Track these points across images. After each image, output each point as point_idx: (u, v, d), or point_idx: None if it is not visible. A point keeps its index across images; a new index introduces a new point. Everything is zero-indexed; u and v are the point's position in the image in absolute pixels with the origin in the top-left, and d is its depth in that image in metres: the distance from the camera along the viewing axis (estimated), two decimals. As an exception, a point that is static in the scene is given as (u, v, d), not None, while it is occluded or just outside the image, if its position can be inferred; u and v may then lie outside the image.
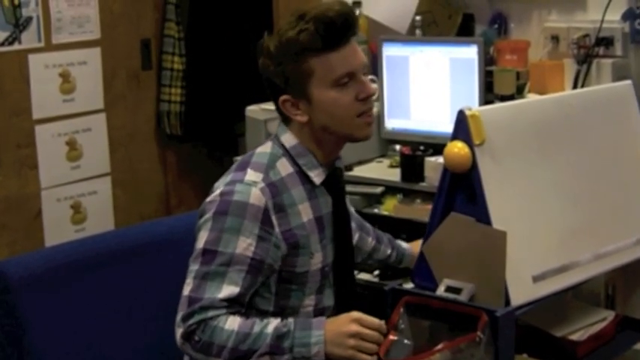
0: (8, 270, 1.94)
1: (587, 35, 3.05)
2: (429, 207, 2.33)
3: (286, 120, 1.98)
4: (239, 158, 2.03)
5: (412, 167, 2.97)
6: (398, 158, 3.11)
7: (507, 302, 2.11)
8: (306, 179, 1.96)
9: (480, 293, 2.16)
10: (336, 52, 1.88)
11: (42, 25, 3.34)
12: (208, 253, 1.83)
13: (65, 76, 3.47)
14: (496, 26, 3.29)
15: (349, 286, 2.08)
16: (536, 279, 2.20)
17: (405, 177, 3.01)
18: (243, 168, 1.93)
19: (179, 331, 1.80)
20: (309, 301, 1.97)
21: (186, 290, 1.82)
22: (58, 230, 3.47)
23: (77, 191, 3.57)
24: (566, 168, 2.32)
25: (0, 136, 3.29)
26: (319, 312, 1.98)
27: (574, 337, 2.48)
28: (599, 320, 2.54)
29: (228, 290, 1.81)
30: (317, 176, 1.97)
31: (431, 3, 3.42)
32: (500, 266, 2.10)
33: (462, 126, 2.16)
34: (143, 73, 3.77)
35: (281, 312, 1.93)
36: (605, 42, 3.02)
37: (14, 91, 3.31)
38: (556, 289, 2.23)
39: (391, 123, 3.30)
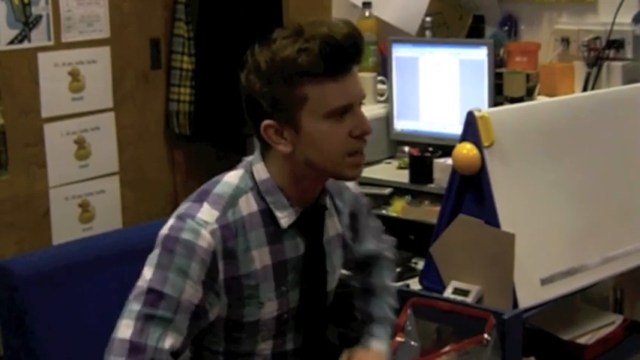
0: (15, 268, 1.94)
1: (597, 38, 3.04)
2: (438, 208, 2.33)
3: (265, 147, 1.74)
4: (246, 159, 1.83)
5: (421, 168, 2.97)
6: (407, 159, 3.11)
7: (515, 305, 2.11)
8: (271, 220, 1.72)
9: (488, 295, 2.16)
10: (336, 81, 1.64)
11: (52, 24, 3.34)
12: (152, 294, 1.64)
13: (74, 75, 3.46)
14: (506, 28, 3.28)
15: (317, 331, 1.86)
16: (544, 282, 2.19)
17: (413, 178, 3.00)
18: (201, 199, 1.71)
19: None
20: (265, 346, 1.79)
21: (127, 333, 1.62)
22: (65, 229, 3.46)
23: (85, 190, 3.57)
24: (575, 171, 2.31)
25: (9, 134, 3.28)
26: (279, 356, 1.82)
27: (582, 340, 2.47)
28: (608, 324, 2.53)
29: (172, 339, 1.63)
30: (285, 217, 1.73)
31: (441, 4, 3.41)
32: (509, 269, 2.09)
33: (471, 127, 2.16)
34: (152, 72, 3.77)
35: (233, 356, 1.79)
36: (616, 45, 3.01)
37: (23, 90, 3.31)
38: (564, 292, 2.23)
39: (400, 124, 3.29)
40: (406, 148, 3.24)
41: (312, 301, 1.81)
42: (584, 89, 3.00)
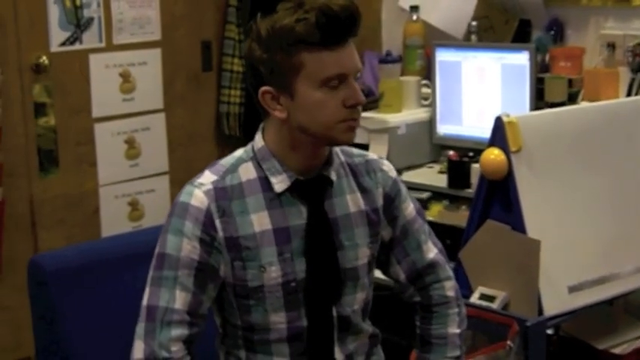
0: (46, 263, 1.97)
1: (643, 43, 2.99)
2: (472, 214, 2.33)
3: (264, 116, 1.80)
4: None
5: (459, 173, 2.95)
6: (447, 164, 3.10)
7: (540, 312, 2.10)
8: (269, 187, 1.78)
9: (514, 302, 2.15)
10: (332, 50, 1.70)
11: (103, 26, 3.40)
12: (158, 257, 1.78)
13: (125, 76, 3.52)
14: (552, 32, 3.25)
15: (325, 309, 1.83)
16: (572, 290, 2.18)
17: (451, 183, 2.99)
18: (205, 169, 1.84)
19: (140, 349, 1.75)
20: (279, 319, 1.80)
21: (145, 299, 1.78)
22: (115, 226, 3.52)
23: (135, 189, 3.62)
24: (608, 178, 2.29)
25: (60, 133, 3.35)
26: (296, 332, 1.81)
27: (617, 350, 2.44)
28: (646, 335, 2.50)
29: (182, 298, 1.74)
30: (278, 183, 1.78)
31: (488, 8, 3.40)
32: (534, 275, 2.08)
33: (499, 132, 2.16)
34: (203, 74, 3.80)
35: (250, 328, 1.82)
36: (662, 50, 2.96)
37: (75, 90, 3.38)
38: (593, 301, 2.21)
39: (443, 128, 3.29)
40: (449, 153, 3.23)
41: (321, 274, 1.82)
42: (628, 95, 2.95)
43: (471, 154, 3.00)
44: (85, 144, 3.44)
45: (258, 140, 1.81)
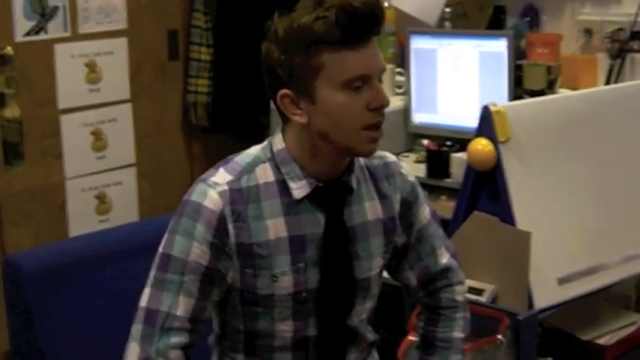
0: (23, 263, 1.91)
1: (621, 29, 2.97)
2: (454, 204, 2.29)
3: (284, 118, 1.70)
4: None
5: (438, 163, 2.92)
6: (424, 153, 3.06)
7: (531, 305, 2.06)
8: (287, 192, 1.69)
9: (503, 295, 2.12)
10: (354, 50, 1.59)
11: (68, 15, 3.32)
12: (163, 257, 1.67)
13: (91, 66, 3.44)
14: (528, 19, 3.22)
15: (337, 320, 1.77)
16: (562, 281, 2.15)
17: (430, 173, 2.95)
18: (219, 166, 1.73)
19: (135, 352, 1.65)
20: (285, 327, 1.73)
21: (144, 300, 1.67)
22: (82, 220, 3.45)
23: (102, 182, 3.55)
24: (596, 167, 2.26)
25: (25, 125, 3.26)
26: (301, 340, 1.75)
27: (602, 340, 2.43)
28: (629, 324, 2.49)
29: (184, 304, 1.65)
30: (298, 189, 1.68)
31: (462, -5, 3.36)
32: (524, 268, 2.05)
33: (487, 122, 2.12)
34: (170, 63, 3.73)
35: (253, 333, 1.75)
36: (640, 36, 2.95)
37: (40, 81, 3.29)
38: (582, 292, 2.18)
39: (418, 117, 3.25)
40: (424, 142, 3.19)
41: (334, 285, 1.74)
42: (607, 82, 2.93)
43: (449, 143, 2.97)
44: (51, 136, 3.36)
45: (279, 142, 1.71)
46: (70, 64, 3.37)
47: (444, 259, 1.89)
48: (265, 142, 1.75)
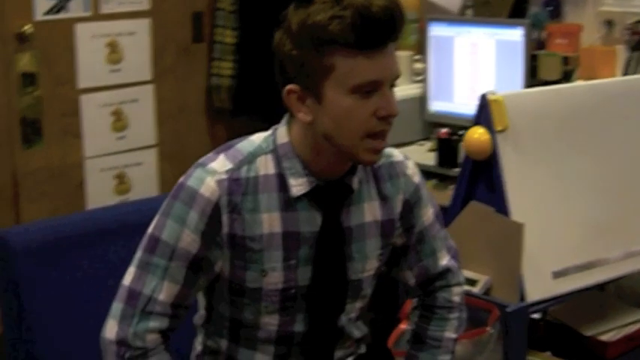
0: (12, 238, 1.91)
1: (642, 21, 2.91)
2: (457, 194, 2.26)
3: (290, 112, 1.65)
4: None
5: (447, 151, 2.88)
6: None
7: (523, 298, 2.03)
8: (286, 186, 1.64)
9: (496, 286, 2.08)
10: (368, 55, 1.54)
11: (89, -6, 3.34)
12: (152, 240, 1.65)
13: (113, 47, 3.45)
14: (550, 8, 3.16)
15: (327, 319, 1.76)
16: (557, 275, 2.11)
17: (441, 162, 2.92)
18: (219, 151, 1.68)
19: (113, 330, 1.64)
20: (271, 320, 1.71)
21: (127, 279, 1.66)
22: (101, 200, 3.46)
23: (122, 162, 3.56)
24: (597, 160, 2.21)
25: (45, 104, 3.29)
26: (286, 335, 1.73)
27: (605, 337, 2.38)
28: (635, 321, 2.44)
29: (168, 290, 1.62)
30: (297, 186, 1.64)
31: (484, -18, 3.31)
32: (516, 260, 2.02)
33: (484, 111, 2.09)
34: (194, 45, 3.73)
35: (239, 322, 1.73)
36: (661, 29, 2.88)
37: (60, 61, 3.31)
38: (578, 287, 2.14)
39: (435, 105, 3.21)
40: (443, 130, 3.14)
41: (325, 284, 1.72)
42: (625, 74, 2.87)
43: (460, 132, 2.93)
44: (71, 115, 3.38)
45: (283, 134, 1.66)
46: (91, 44, 3.38)
47: (444, 260, 1.85)
48: (269, 132, 1.70)
